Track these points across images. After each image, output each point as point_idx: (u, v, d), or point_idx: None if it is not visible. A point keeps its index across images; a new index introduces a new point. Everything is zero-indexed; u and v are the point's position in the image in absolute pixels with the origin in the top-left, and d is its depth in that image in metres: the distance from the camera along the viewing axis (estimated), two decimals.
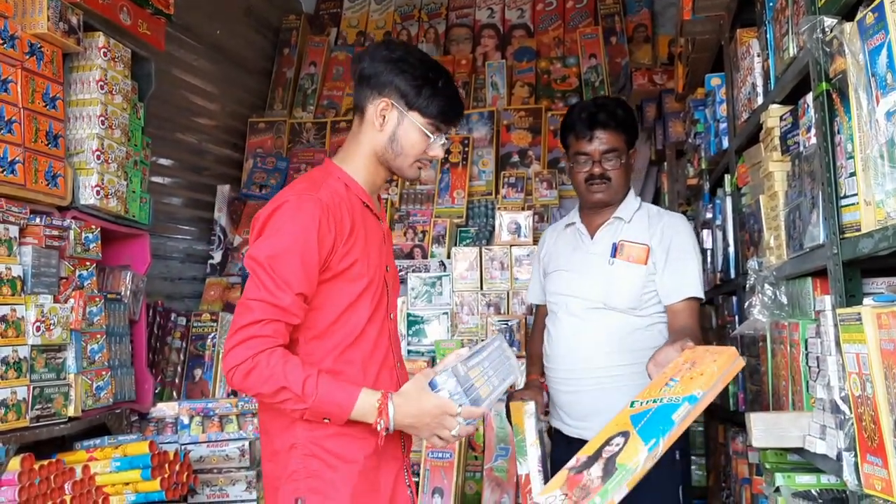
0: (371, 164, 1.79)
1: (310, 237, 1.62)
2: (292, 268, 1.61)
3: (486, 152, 4.73)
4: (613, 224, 2.39)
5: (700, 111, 3.39)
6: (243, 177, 4.80)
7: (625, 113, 2.38)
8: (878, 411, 1.27)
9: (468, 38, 5.52)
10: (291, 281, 1.61)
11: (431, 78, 1.74)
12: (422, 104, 1.73)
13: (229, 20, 4.74)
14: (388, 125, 1.74)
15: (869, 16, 1.34)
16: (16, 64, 2.23)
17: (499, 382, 1.75)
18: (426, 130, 1.74)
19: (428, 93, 1.73)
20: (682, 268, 2.29)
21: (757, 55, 2.34)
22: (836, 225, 1.52)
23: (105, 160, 2.59)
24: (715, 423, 3.35)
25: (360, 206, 1.76)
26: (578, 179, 2.39)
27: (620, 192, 2.39)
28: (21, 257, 2.23)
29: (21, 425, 2.16)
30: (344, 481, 1.67)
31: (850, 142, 1.45)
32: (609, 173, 2.34)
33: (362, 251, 1.71)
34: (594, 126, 2.33)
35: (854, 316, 1.33)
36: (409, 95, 1.72)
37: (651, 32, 5.17)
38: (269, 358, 1.58)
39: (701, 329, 2.35)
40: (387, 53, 1.76)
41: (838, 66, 1.49)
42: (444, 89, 1.75)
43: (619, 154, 2.35)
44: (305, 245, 1.62)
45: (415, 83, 1.72)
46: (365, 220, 1.76)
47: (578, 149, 2.37)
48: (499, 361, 1.80)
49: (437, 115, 1.74)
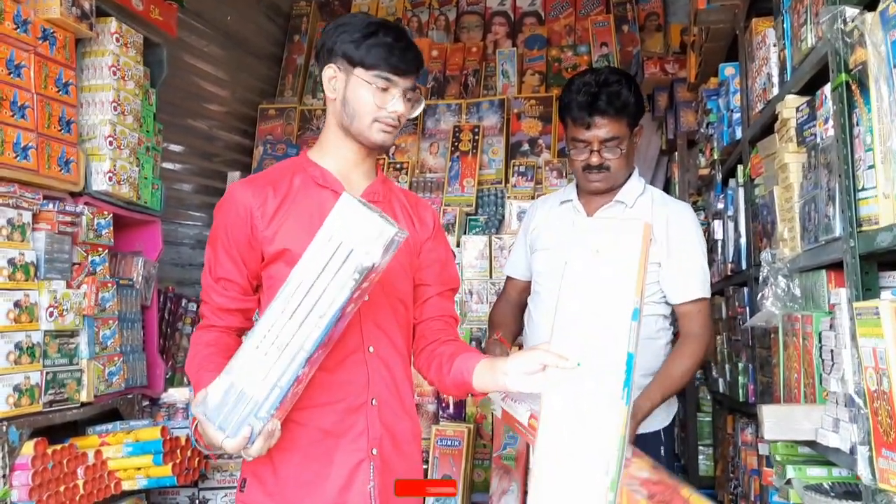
0: (336, 140, 1.73)
1: (227, 226, 1.68)
2: (214, 255, 1.71)
3: (496, 141, 4.71)
4: (614, 208, 2.26)
5: (713, 101, 3.37)
6: (253, 163, 4.79)
7: (628, 92, 2.20)
8: (894, 406, 1.26)
9: (479, 25, 5.49)
10: (213, 267, 1.71)
11: (371, 31, 1.67)
12: (362, 56, 1.65)
13: (240, 6, 4.72)
14: (338, 91, 1.69)
15: (892, 6, 1.33)
16: (29, 49, 2.23)
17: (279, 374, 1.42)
18: (374, 83, 1.66)
19: (367, 45, 1.66)
20: (688, 265, 2.21)
21: (773, 45, 2.32)
22: (854, 218, 1.51)
23: (117, 146, 2.59)
24: (724, 413, 3.35)
25: (309, 187, 1.70)
26: (576, 166, 2.25)
27: (622, 178, 2.27)
28: (34, 243, 2.23)
29: (34, 410, 2.17)
30: (283, 467, 1.63)
31: (869, 134, 1.44)
32: (608, 162, 2.20)
33: (296, 233, 1.63)
34: (593, 113, 2.16)
35: (872, 310, 1.32)
36: (350, 53, 1.66)
37: (663, 21, 5.14)
38: (194, 336, 1.72)
39: (711, 322, 2.32)
40: (332, 23, 1.74)
41: (858, 56, 1.48)
42: (384, 37, 1.67)
43: (620, 141, 2.20)
44: (224, 232, 1.69)
45: (352, 39, 1.66)
46: (314, 200, 1.68)
47: (575, 135, 2.21)
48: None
49: (379, 62, 1.65)
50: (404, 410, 1.75)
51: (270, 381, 1.42)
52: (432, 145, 4.78)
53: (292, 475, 1.63)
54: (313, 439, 1.63)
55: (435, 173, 4.65)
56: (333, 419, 1.64)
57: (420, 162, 4.75)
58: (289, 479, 1.63)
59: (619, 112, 2.18)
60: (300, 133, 4.97)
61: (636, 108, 2.23)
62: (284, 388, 1.42)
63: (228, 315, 1.71)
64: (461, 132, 4.70)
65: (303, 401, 1.56)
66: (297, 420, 1.61)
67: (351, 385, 1.66)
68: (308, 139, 4.90)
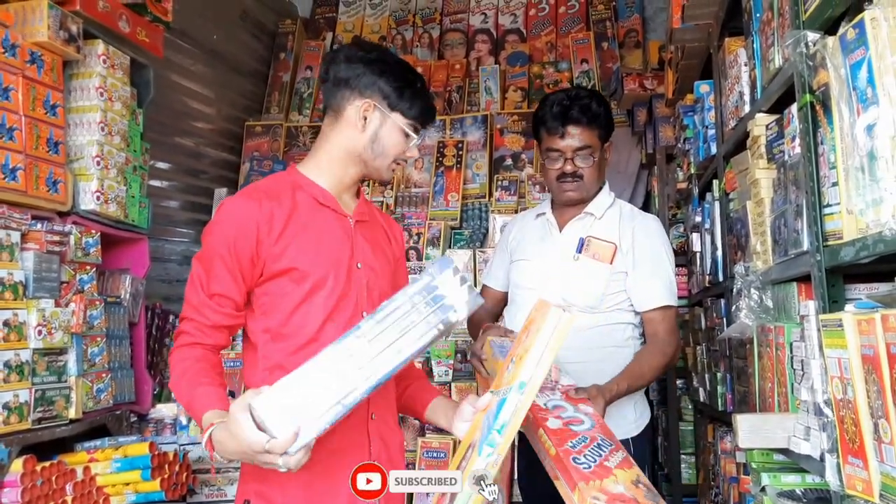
0: (341, 163, 1.76)
1: (229, 241, 1.64)
2: (208, 271, 1.65)
3: (479, 156, 4.78)
4: (584, 219, 2.33)
5: (689, 117, 3.44)
6: (240, 180, 4.83)
7: (599, 106, 2.30)
8: (858, 414, 1.31)
9: (462, 42, 5.56)
10: (206, 283, 1.65)
11: (411, 80, 1.76)
12: (404, 106, 1.74)
13: (226, 25, 4.77)
14: (370, 126, 1.73)
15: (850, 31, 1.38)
16: (17, 72, 2.27)
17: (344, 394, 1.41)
18: (408, 131, 1.75)
19: (409, 94, 1.74)
20: (653, 275, 2.26)
21: (744, 64, 2.38)
22: (820, 232, 1.56)
23: (105, 166, 2.62)
24: (705, 422, 3.40)
25: (312, 205, 1.73)
26: (550, 177, 2.32)
27: (593, 189, 2.33)
28: (23, 262, 2.26)
29: (23, 427, 2.19)
30: (293, 486, 1.63)
31: (832, 152, 1.49)
32: (581, 171, 2.28)
33: (304, 251, 1.68)
34: (566, 122, 2.25)
35: (836, 322, 1.37)
36: (392, 97, 1.73)
37: (642, 38, 5.23)
38: (177, 354, 1.65)
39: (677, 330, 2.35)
40: (363, 55, 1.76)
41: (821, 78, 1.54)
42: (422, 91, 1.78)
43: (593, 151, 2.28)
44: (225, 248, 1.64)
45: (396, 84, 1.73)
46: (318, 219, 1.73)
47: (550, 145, 2.29)
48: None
49: (418, 116, 1.76)
50: (395, 423, 1.83)
51: (335, 397, 1.41)
52: (417, 160, 4.83)
53: (301, 495, 1.63)
54: (320, 457, 1.61)
55: (420, 188, 4.71)
56: (339, 436, 1.64)
57: (405, 177, 4.80)
58: (298, 498, 1.63)
59: (591, 122, 2.27)
60: (286, 149, 5.01)
61: (606, 120, 2.33)
62: (346, 408, 1.42)
63: (217, 332, 1.67)
64: (445, 147, 4.76)
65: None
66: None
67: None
68: (294, 155, 4.94)
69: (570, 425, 1.70)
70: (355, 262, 1.74)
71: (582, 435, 1.65)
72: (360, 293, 1.74)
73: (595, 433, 1.67)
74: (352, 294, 1.72)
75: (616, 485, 1.49)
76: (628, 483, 1.51)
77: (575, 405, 1.80)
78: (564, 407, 1.78)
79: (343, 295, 1.70)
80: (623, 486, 1.49)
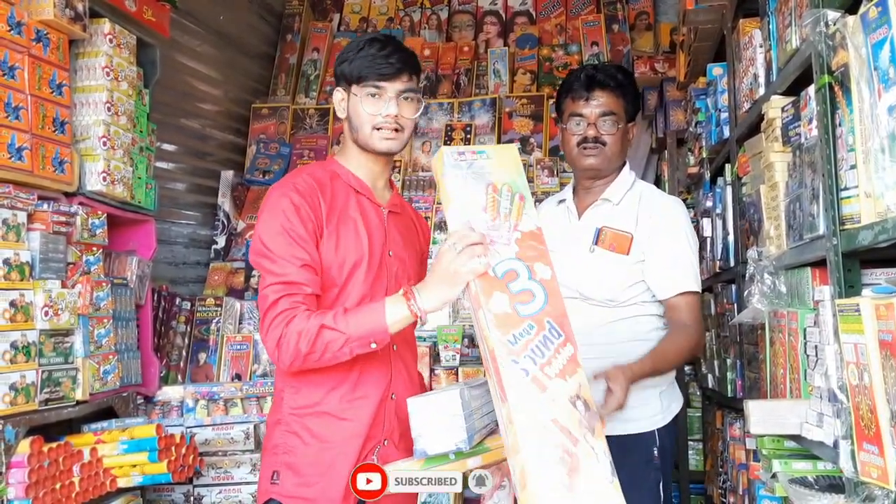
0: (356, 154, 1.86)
1: (292, 217, 1.72)
2: (287, 245, 1.70)
3: (487, 139, 4.74)
4: (601, 206, 2.24)
5: (702, 100, 3.41)
6: (246, 162, 4.81)
7: (625, 77, 2.26)
8: (874, 401, 1.29)
9: (470, 24, 5.51)
10: (290, 255, 1.69)
11: (359, 47, 1.80)
12: (354, 73, 1.78)
13: (233, 6, 4.73)
14: (346, 111, 1.83)
15: (872, 10, 1.35)
16: (22, 51, 2.25)
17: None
18: (366, 93, 1.78)
19: (356, 64, 1.78)
20: (675, 259, 2.15)
21: (759, 46, 2.35)
22: (836, 216, 1.54)
23: (111, 146, 2.61)
24: (713, 408, 3.39)
25: (349, 192, 1.83)
26: (571, 144, 2.23)
27: (615, 161, 2.23)
28: (29, 243, 2.25)
29: (30, 408, 2.19)
30: (319, 460, 1.74)
31: (851, 134, 1.47)
32: (604, 137, 2.19)
33: (346, 235, 1.78)
34: (592, 86, 2.20)
35: (853, 307, 1.35)
36: (346, 73, 1.80)
37: (653, 20, 5.17)
38: (293, 324, 1.64)
39: (702, 317, 2.29)
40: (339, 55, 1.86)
41: (841, 59, 1.51)
42: (369, 49, 1.78)
43: (617, 119, 2.20)
44: (291, 224, 1.71)
45: (346, 59, 1.80)
46: (355, 205, 1.83)
47: (574, 110, 2.22)
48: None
49: (366, 73, 1.77)
50: (413, 361, 1.93)
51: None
52: (424, 144, 4.80)
53: (326, 464, 1.74)
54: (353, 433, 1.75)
55: (427, 172, 4.68)
56: (368, 412, 1.77)
57: (413, 160, 4.77)
58: (322, 465, 1.74)
59: (617, 88, 2.22)
60: (293, 132, 4.98)
61: (633, 95, 2.27)
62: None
63: (311, 301, 1.70)
64: (453, 131, 4.73)
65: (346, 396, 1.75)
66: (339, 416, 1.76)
67: (380, 381, 1.80)
68: (301, 138, 4.91)
69: (517, 304, 1.52)
70: (387, 249, 1.85)
71: (529, 322, 1.50)
72: (390, 281, 1.83)
73: (543, 316, 1.51)
74: (382, 280, 1.82)
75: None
76: (564, 402, 1.44)
77: (530, 265, 1.57)
78: (516, 272, 1.56)
79: (376, 280, 1.81)
80: (559, 406, 1.43)
